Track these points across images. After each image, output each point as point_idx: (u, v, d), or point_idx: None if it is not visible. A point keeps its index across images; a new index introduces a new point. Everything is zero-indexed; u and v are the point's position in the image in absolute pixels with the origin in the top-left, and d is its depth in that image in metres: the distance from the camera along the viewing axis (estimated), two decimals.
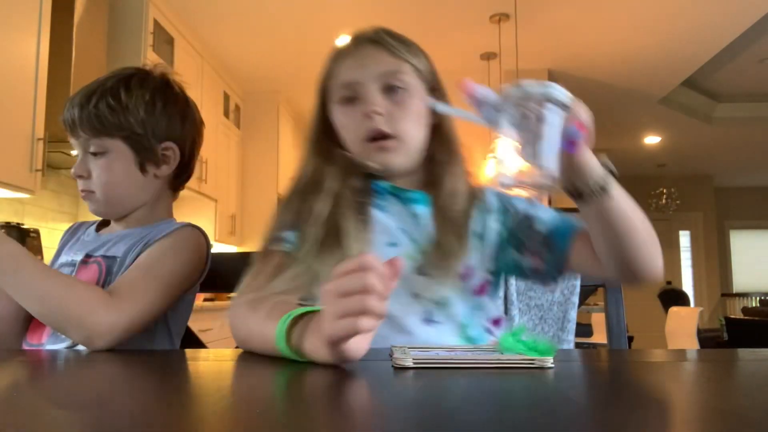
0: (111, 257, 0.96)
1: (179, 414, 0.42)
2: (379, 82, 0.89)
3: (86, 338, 0.81)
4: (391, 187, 0.93)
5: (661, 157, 7.38)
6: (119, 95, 0.96)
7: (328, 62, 0.95)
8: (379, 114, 0.88)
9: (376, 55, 0.91)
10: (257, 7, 3.71)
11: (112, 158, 0.97)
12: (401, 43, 0.92)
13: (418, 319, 0.84)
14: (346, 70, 0.91)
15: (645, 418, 0.40)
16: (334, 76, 0.93)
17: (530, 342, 0.65)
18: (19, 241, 2.51)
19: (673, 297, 6.54)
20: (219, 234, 4.48)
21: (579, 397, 0.49)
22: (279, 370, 0.64)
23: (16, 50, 2.36)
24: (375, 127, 0.87)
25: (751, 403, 0.46)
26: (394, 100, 0.89)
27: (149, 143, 0.99)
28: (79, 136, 0.97)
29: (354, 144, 0.91)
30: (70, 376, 0.63)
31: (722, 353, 0.76)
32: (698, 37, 4.14)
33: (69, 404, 0.47)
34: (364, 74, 0.89)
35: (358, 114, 0.89)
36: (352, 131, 0.91)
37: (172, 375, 0.63)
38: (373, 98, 0.88)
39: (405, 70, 0.91)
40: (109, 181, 0.97)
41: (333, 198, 0.88)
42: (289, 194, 0.94)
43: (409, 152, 0.91)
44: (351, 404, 0.46)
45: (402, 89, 0.90)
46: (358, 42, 0.93)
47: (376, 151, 0.89)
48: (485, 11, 3.81)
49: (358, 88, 0.90)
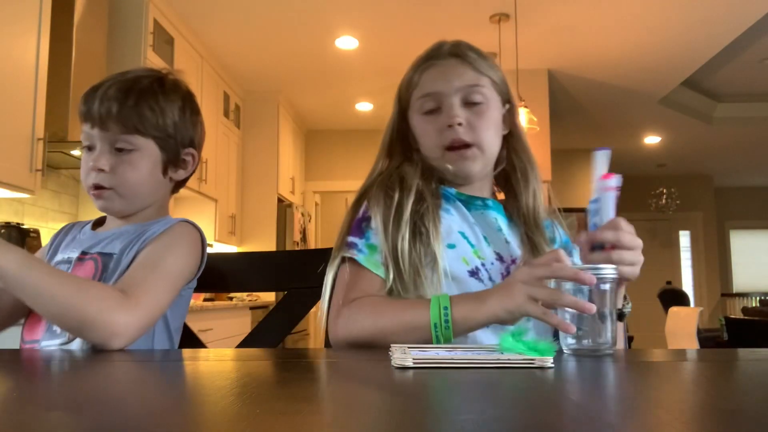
0: (107, 254, 0.97)
1: (179, 414, 0.42)
2: (461, 94, 0.97)
3: (104, 338, 0.80)
4: (457, 193, 1.00)
5: (661, 157, 7.38)
6: (158, 97, 0.99)
7: (410, 72, 1.02)
8: (461, 125, 0.95)
9: (459, 69, 0.98)
10: (257, 7, 3.71)
11: (139, 156, 0.98)
12: (481, 57, 1.00)
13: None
14: (430, 81, 0.99)
15: (645, 418, 0.40)
16: (417, 86, 1.00)
17: (530, 342, 0.65)
18: (19, 241, 2.52)
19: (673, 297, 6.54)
20: (219, 234, 4.48)
21: (579, 397, 0.49)
22: (279, 370, 0.64)
23: (16, 50, 2.36)
24: (457, 137, 0.95)
25: (751, 403, 0.46)
26: (473, 111, 0.97)
27: (176, 147, 1.03)
28: (108, 130, 0.96)
29: (434, 151, 0.98)
30: (70, 377, 0.63)
31: (722, 353, 0.76)
32: (698, 37, 4.14)
33: (69, 404, 0.47)
34: (446, 86, 0.97)
35: (440, 123, 0.97)
36: (433, 139, 0.98)
37: (172, 375, 0.63)
38: (456, 110, 0.96)
39: (484, 83, 0.98)
40: (134, 179, 0.98)
41: (416, 195, 0.94)
42: (368, 188, 0.99)
43: (486, 160, 1.00)
44: (351, 404, 0.46)
45: (481, 102, 0.97)
46: (440, 54, 1.00)
47: (456, 159, 0.97)
48: (485, 11, 3.81)
49: (441, 98, 0.97)
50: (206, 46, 4.23)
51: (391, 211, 0.92)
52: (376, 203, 0.94)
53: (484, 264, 0.93)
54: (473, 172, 0.98)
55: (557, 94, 5.09)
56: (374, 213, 0.93)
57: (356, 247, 0.92)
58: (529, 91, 4.21)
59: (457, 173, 0.98)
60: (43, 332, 0.92)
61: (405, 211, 0.92)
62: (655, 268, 8.10)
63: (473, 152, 0.96)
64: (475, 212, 0.99)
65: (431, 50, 1.01)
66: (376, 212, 0.93)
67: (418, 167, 0.99)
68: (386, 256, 0.90)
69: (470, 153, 0.96)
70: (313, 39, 4.16)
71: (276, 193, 5.14)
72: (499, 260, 0.95)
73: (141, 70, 1.02)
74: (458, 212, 0.98)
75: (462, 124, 0.95)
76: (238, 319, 3.89)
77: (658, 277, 7.93)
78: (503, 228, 1.00)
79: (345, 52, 4.34)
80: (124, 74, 1.00)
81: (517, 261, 0.96)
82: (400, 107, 1.04)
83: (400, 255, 0.89)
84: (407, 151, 1.03)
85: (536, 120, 3.72)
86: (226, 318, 3.69)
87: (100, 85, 0.98)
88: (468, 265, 0.92)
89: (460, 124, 0.94)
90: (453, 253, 0.92)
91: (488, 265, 0.93)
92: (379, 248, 0.91)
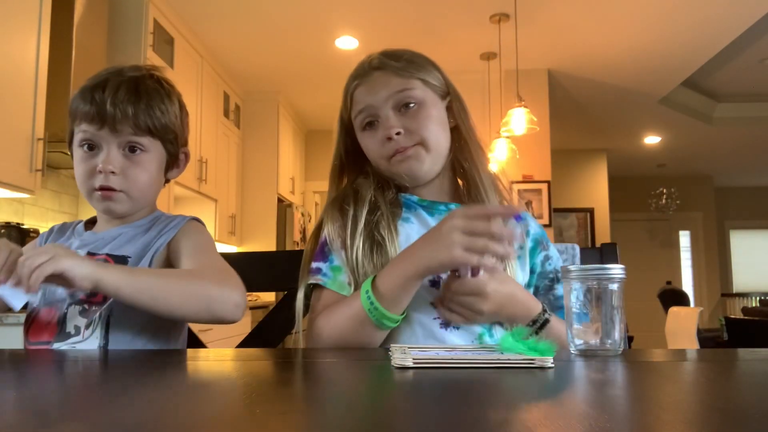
0: (120, 257, 0.96)
1: (179, 414, 0.42)
2: (392, 102, 0.97)
3: (231, 311, 0.85)
4: (419, 200, 1.00)
5: (661, 157, 7.37)
6: (163, 98, 0.99)
7: (344, 96, 1.03)
8: (399, 134, 0.95)
9: (383, 79, 0.98)
10: (257, 7, 3.71)
11: (149, 158, 0.98)
12: (405, 61, 0.99)
13: (437, 324, 0.89)
14: (361, 97, 0.99)
15: (645, 418, 0.40)
16: (352, 105, 1.01)
17: (530, 342, 0.65)
18: (19, 241, 2.52)
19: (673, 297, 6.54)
20: (219, 234, 4.48)
21: (579, 397, 0.49)
22: (279, 370, 0.64)
23: (16, 50, 2.36)
24: (397, 146, 0.95)
25: (751, 403, 0.46)
26: (408, 115, 0.97)
27: (175, 148, 1.04)
28: (119, 131, 0.94)
29: (380, 162, 0.99)
30: (70, 377, 0.63)
31: (722, 353, 0.76)
32: (698, 37, 4.14)
33: (69, 404, 0.47)
34: (375, 99, 0.97)
35: (380, 136, 0.97)
36: (376, 151, 0.99)
37: (173, 375, 0.63)
38: (391, 120, 0.96)
39: (413, 85, 0.98)
40: (144, 181, 0.98)
41: (370, 206, 0.96)
42: (329, 208, 1.00)
43: (434, 156, 0.98)
44: (351, 404, 0.46)
45: (414, 104, 0.97)
46: (365, 71, 1.00)
47: (401, 161, 0.96)
48: (485, 11, 3.81)
49: (374, 111, 0.98)
50: (206, 46, 4.23)
51: (347, 224, 0.94)
52: (332, 220, 0.97)
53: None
54: (423, 171, 0.98)
55: (557, 94, 5.09)
56: (330, 230, 0.96)
57: (320, 272, 0.94)
58: (529, 91, 4.20)
59: (408, 175, 0.97)
60: (55, 334, 0.92)
61: (359, 223, 0.94)
62: (655, 268, 8.10)
63: (416, 150, 0.96)
64: (439, 217, 0.97)
65: (357, 69, 1.02)
66: (332, 229, 0.96)
67: (373, 178, 1.01)
68: (347, 271, 0.92)
69: (413, 152, 0.96)
70: (313, 39, 4.16)
71: (276, 193, 5.14)
72: None
73: (133, 69, 1.00)
74: (418, 219, 0.98)
75: (400, 133, 0.95)
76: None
77: (658, 277, 7.93)
78: None
79: (345, 52, 4.34)
80: (122, 72, 0.98)
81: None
82: (343, 128, 1.04)
83: (357, 266, 0.91)
84: (362, 167, 1.04)
85: (536, 120, 3.72)
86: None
87: (103, 85, 0.95)
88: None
89: (399, 133, 0.95)
90: None
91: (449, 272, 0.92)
92: (342, 267, 0.93)
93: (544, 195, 4.79)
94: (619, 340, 0.72)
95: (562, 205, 6.57)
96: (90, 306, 0.93)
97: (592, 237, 6.75)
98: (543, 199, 4.79)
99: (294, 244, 5.13)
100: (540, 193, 4.79)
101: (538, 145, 4.66)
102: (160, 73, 1.04)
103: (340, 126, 1.05)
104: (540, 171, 4.76)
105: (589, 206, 6.87)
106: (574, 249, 1.13)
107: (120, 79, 0.97)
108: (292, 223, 5.19)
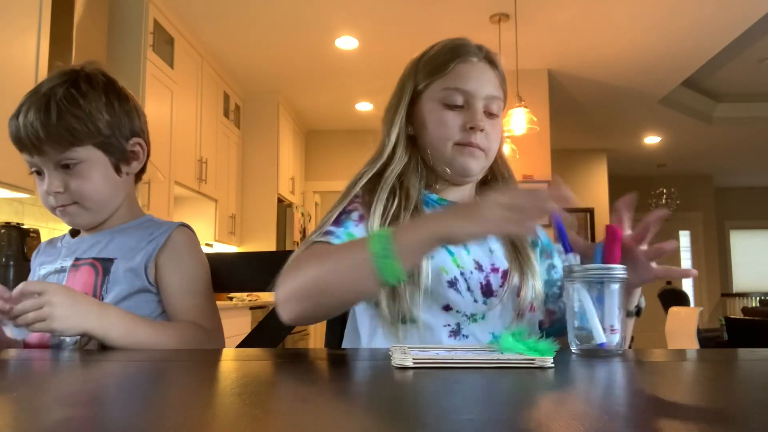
0: (106, 259, 0.97)
1: (180, 414, 0.42)
2: (486, 102, 0.97)
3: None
4: (439, 199, 0.99)
5: (661, 157, 7.37)
6: (78, 102, 0.94)
7: (441, 56, 0.99)
8: (482, 131, 0.95)
9: (489, 75, 0.99)
10: (257, 7, 3.71)
11: (87, 166, 0.96)
12: (503, 73, 1.02)
13: (446, 331, 0.89)
14: (464, 77, 0.97)
15: (645, 418, 0.40)
16: (445, 75, 0.97)
17: (530, 342, 0.65)
18: (19, 241, 2.52)
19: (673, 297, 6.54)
20: (219, 234, 4.48)
21: (579, 397, 0.49)
22: (279, 369, 0.64)
23: (16, 50, 2.36)
24: (476, 141, 0.95)
25: (751, 403, 0.46)
26: (490, 122, 0.98)
27: (119, 143, 0.99)
28: (44, 153, 0.93)
29: (444, 143, 0.96)
30: (71, 376, 0.63)
31: (722, 353, 0.76)
32: (698, 37, 4.14)
33: (69, 404, 0.47)
34: (479, 89, 0.96)
35: (462, 121, 0.95)
36: (447, 132, 0.96)
37: (173, 375, 0.63)
38: (480, 114, 0.96)
39: (501, 96, 1.00)
40: (92, 189, 0.96)
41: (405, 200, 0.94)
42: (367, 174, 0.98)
43: (486, 165, 1.00)
44: (351, 404, 0.46)
45: (498, 115, 0.99)
46: (475, 53, 0.99)
47: (465, 155, 0.96)
48: (485, 11, 3.81)
49: (468, 98, 0.96)
50: (206, 46, 4.23)
51: (388, 216, 0.92)
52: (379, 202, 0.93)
53: (463, 273, 0.91)
54: (474, 173, 0.98)
55: (557, 94, 5.08)
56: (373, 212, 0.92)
57: (333, 234, 0.89)
58: (529, 91, 4.20)
59: (460, 171, 0.97)
60: (51, 336, 0.92)
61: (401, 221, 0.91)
62: None
63: (481, 154, 0.97)
64: None
65: (464, 44, 0.99)
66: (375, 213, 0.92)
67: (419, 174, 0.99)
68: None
69: (479, 153, 0.96)
70: (313, 39, 4.15)
71: (276, 193, 5.14)
72: (478, 269, 0.93)
73: (54, 78, 0.97)
74: None
75: (483, 130, 0.95)
76: (238, 319, 3.89)
77: None
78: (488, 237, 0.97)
79: (345, 52, 4.34)
80: (38, 89, 0.95)
81: (499, 270, 0.94)
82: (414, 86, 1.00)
83: None
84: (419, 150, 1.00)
85: (536, 120, 3.72)
86: (226, 318, 3.66)
87: (20, 110, 0.94)
88: (447, 274, 0.90)
89: (482, 130, 0.95)
90: (431, 264, 0.90)
91: (467, 274, 0.91)
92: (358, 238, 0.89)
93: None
94: (620, 340, 0.72)
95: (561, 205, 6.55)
96: None
97: (592, 237, 6.74)
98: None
99: (294, 244, 5.13)
100: None
101: (538, 145, 4.66)
102: (88, 68, 0.99)
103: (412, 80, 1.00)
104: (540, 171, 4.76)
105: (589, 206, 6.87)
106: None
107: (33, 99, 0.94)
108: (292, 223, 5.19)
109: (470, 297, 0.90)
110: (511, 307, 0.94)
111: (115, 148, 0.99)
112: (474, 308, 0.90)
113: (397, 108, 1.01)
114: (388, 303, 0.88)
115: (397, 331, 0.88)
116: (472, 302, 0.90)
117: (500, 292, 0.92)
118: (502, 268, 0.95)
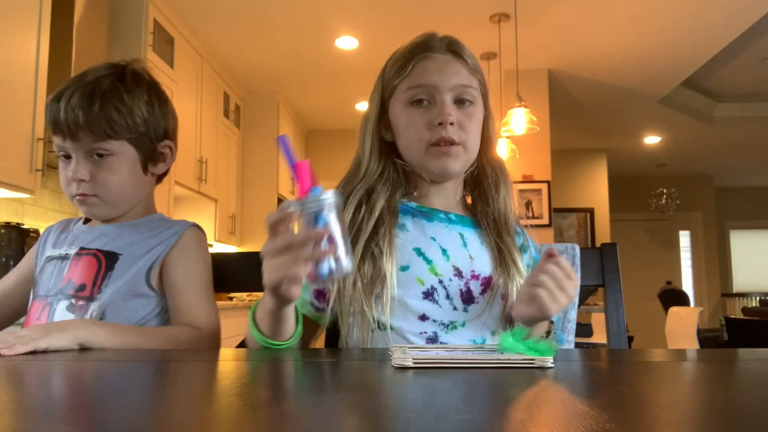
0: (110, 252, 0.97)
1: (179, 414, 0.42)
2: (454, 92, 0.93)
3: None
4: (417, 206, 0.96)
5: (661, 157, 7.38)
6: (122, 96, 0.96)
7: (401, 60, 0.97)
8: (452, 124, 0.91)
9: (454, 65, 0.94)
10: (257, 7, 3.71)
11: (117, 160, 0.97)
12: (472, 58, 0.97)
13: (423, 338, 0.88)
14: (425, 73, 0.94)
15: (645, 418, 0.40)
16: (408, 75, 0.95)
17: (530, 342, 0.65)
18: (19, 241, 2.52)
19: (673, 297, 6.54)
20: (219, 234, 4.48)
21: (579, 397, 0.49)
22: (279, 369, 0.64)
23: (16, 50, 2.36)
24: (447, 135, 0.91)
25: (751, 403, 0.46)
26: (463, 112, 0.93)
27: (151, 143, 1.01)
28: (79, 139, 0.94)
29: (416, 145, 0.94)
30: (70, 376, 0.63)
31: (722, 353, 0.76)
32: (698, 37, 4.14)
33: (68, 404, 0.47)
34: (442, 81, 0.93)
35: (429, 118, 0.92)
36: (419, 133, 0.93)
37: (172, 375, 0.63)
38: (449, 107, 0.91)
39: (474, 84, 0.95)
40: (115, 184, 0.97)
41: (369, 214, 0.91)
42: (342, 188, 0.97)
43: (467, 160, 0.96)
44: (351, 404, 0.46)
45: (472, 103, 0.94)
46: (436, 47, 0.96)
47: (440, 155, 0.92)
48: (485, 11, 3.81)
49: (433, 93, 0.93)
50: (206, 46, 4.23)
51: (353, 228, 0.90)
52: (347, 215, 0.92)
53: (441, 281, 0.89)
54: (455, 171, 0.94)
55: (557, 94, 5.09)
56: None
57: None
58: (529, 91, 4.20)
59: (439, 171, 0.94)
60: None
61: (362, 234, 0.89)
62: (655, 268, 8.11)
63: (458, 150, 0.92)
64: (439, 224, 0.95)
65: (425, 40, 0.97)
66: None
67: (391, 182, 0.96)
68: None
69: (455, 150, 0.92)
70: (313, 39, 4.15)
71: (276, 193, 5.14)
72: (458, 276, 0.91)
73: (101, 69, 0.99)
74: (416, 227, 0.94)
75: (453, 123, 0.91)
76: (238, 319, 3.89)
77: (658, 277, 7.94)
78: (469, 242, 0.95)
79: (345, 52, 4.34)
80: (84, 76, 0.97)
81: (480, 276, 0.92)
82: (381, 96, 0.98)
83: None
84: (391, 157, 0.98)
85: (536, 120, 3.72)
86: (226, 318, 3.67)
87: (63, 93, 0.95)
88: (423, 285, 0.89)
89: (452, 123, 0.91)
90: (405, 276, 0.89)
91: (446, 281, 0.90)
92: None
93: (544, 195, 4.80)
94: (343, 263, 0.70)
95: (562, 205, 6.57)
96: (77, 301, 0.93)
97: (592, 237, 6.75)
98: (543, 199, 4.80)
99: None
100: (540, 193, 4.80)
101: (538, 145, 4.66)
102: (135, 65, 1.02)
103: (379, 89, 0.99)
104: (540, 171, 4.77)
105: (589, 206, 6.87)
106: (574, 249, 1.13)
107: (78, 84, 0.95)
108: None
109: (449, 305, 0.89)
110: (498, 313, 0.92)
111: (147, 146, 1.01)
112: (453, 316, 0.89)
113: (368, 118, 0.99)
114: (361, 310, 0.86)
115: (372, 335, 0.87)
116: (450, 310, 0.89)
117: (481, 299, 0.91)
118: (482, 275, 0.92)
